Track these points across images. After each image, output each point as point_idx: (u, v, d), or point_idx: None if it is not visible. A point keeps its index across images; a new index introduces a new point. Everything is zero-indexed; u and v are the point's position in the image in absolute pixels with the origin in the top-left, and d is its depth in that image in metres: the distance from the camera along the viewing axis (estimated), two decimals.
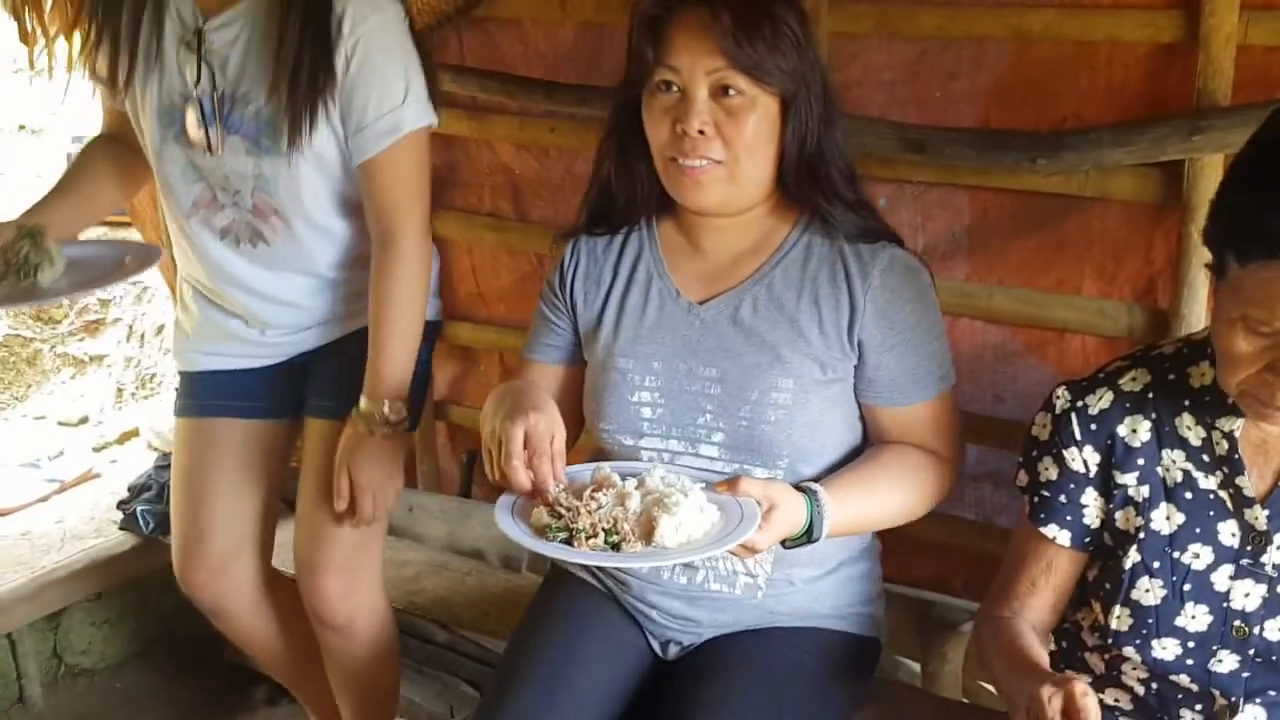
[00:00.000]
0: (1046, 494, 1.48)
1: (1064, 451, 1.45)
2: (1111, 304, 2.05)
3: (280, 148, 1.84)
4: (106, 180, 2.11)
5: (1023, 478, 1.53)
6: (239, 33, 1.84)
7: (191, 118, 1.87)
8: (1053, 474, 1.48)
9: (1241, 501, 1.37)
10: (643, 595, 1.70)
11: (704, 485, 1.47)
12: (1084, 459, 1.45)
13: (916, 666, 2.30)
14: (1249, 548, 1.37)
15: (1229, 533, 1.38)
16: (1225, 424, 1.37)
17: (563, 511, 1.41)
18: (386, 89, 1.82)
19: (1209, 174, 1.85)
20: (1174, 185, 1.91)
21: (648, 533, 1.40)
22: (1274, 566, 1.36)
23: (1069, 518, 1.47)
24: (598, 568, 1.75)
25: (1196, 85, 1.84)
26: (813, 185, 1.60)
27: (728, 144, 1.53)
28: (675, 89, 1.54)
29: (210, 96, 1.86)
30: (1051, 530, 1.48)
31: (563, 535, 1.40)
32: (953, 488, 1.69)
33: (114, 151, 2.10)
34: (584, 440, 1.80)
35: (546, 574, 1.91)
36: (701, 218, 1.64)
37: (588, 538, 1.38)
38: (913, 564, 2.31)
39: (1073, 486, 1.46)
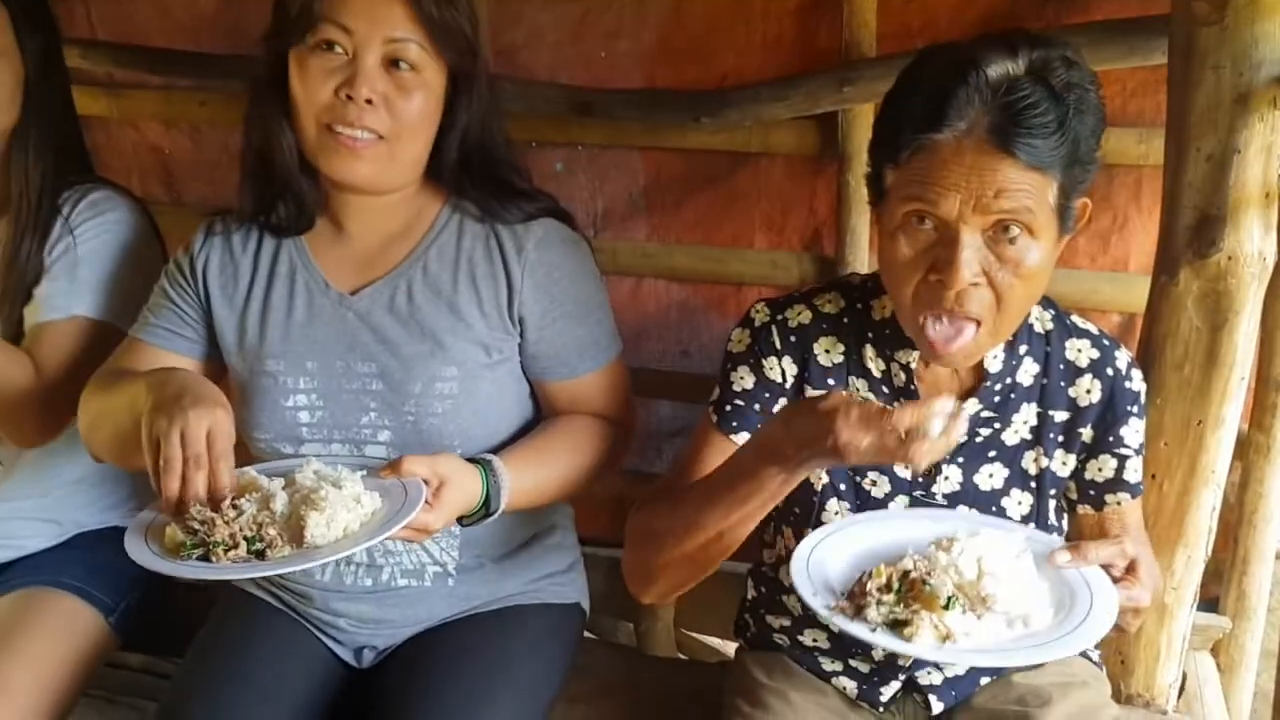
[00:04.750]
0: (740, 403, 1.46)
1: (763, 360, 1.45)
2: (782, 255, 2.12)
3: None
4: None
5: (715, 392, 1.50)
6: None
7: None
8: (748, 383, 1.46)
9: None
10: (327, 605, 1.59)
11: (365, 473, 1.36)
12: (782, 368, 1.45)
13: (632, 627, 2.31)
14: (920, 479, 1.43)
15: (902, 465, 1.44)
16: (903, 356, 1.41)
17: (197, 526, 1.25)
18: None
19: (861, 123, 1.94)
20: (830, 136, 1.99)
21: (298, 534, 1.27)
22: (944, 496, 1.43)
23: (760, 425, 1.45)
24: (274, 585, 1.63)
25: (844, 38, 1.92)
26: (465, 174, 1.52)
27: (395, 118, 1.41)
28: (340, 50, 1.40)
29: None
30: (741, 438, 1.46)
31: (199, 552, 1.25)
32: (628, 449, 1.68)
33: None
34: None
35: (220, 595, 1.73)
36: (346, 195, 1.52)
37: (227, 550, 1.24)
38: (615, 526, 2.31)
39: (767, 395, 1.46)
